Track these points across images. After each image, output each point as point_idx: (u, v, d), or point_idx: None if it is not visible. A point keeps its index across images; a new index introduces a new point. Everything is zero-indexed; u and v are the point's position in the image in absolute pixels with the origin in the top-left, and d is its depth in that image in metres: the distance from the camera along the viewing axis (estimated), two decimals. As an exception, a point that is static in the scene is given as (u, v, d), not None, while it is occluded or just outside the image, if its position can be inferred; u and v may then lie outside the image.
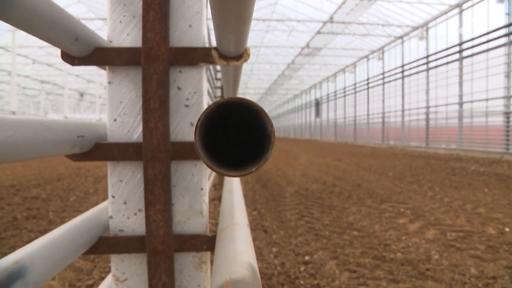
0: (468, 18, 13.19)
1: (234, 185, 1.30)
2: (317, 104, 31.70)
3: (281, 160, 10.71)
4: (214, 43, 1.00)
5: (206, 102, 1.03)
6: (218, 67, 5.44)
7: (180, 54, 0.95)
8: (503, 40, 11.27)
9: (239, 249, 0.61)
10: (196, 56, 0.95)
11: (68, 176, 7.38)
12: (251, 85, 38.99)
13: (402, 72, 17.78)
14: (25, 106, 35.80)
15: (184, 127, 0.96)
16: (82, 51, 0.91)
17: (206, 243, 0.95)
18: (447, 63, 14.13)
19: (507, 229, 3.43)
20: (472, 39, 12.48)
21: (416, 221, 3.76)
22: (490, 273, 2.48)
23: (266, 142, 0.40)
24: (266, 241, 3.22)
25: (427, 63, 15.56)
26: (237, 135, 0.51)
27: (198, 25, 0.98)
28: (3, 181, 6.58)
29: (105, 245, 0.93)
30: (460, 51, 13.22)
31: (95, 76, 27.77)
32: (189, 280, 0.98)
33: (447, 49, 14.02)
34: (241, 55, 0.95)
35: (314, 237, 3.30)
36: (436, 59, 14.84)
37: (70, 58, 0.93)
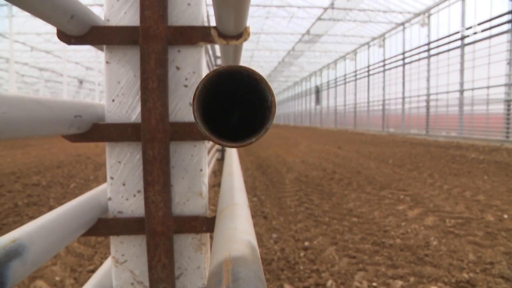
0: (471, 4, 13.02)
1: (234, 168, 1.30)
2: (317, 91, 31.59)
3: (281, 147, 10.71)
4: (213, 24, 0.98)
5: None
6: (218, 53, 5.39)
7: (179, 33, 0.93)
8: (506, 27, 11.16)
9: (239, 228, 0.60)
10: (195, 35, 0.93)
11: (68, 163, 7.39)
12: (251, 73, 38.72)
13: (403, 59, 17.66)
14: (24, 93, 35.58)
15: (183, 107, 0.95)
16: (79, 29, 0.89)
17: (205, 224, 0.94)
18: (448, 50, 14.01)
19: (505, 216, 3.44)
20: (474, 25, 12.35)
21: (416, 208, 3.77)
22: (488, 259, 2.49)
23: (266, 112, 0.39)
24: (266, 227, 3.23)
25: (428, 50, 15.44)
26: (237, 105, 0.50)
27: (197, 3, 0.95)
28: (4, 168, 6.59)
29: (104, 226, 0.93)
30: (462, 38, 13.10)
31: (94, 63, 27.54)
32: (188, 262, 0.98)
33: (448, 36, 13.90)
34: (240, 34, 0.93)
35: (313, 223, 3.31)
36: (438, 46, 14.72)
37: (66, 37, 0.91)
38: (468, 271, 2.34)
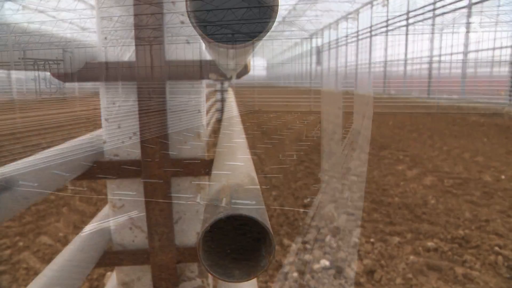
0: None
1: (233, 114, 1.26)
2: (318, 52, 30.98)
3: (281, 108, 10.62)
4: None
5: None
6: None
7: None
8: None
9: (238, 163, 0.58)
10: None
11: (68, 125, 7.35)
12: (251, 34, 37.81)
13: (407, 19, 17.15)
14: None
15: (178, 46, 0.90)
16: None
17: (204, 167, 0.92)
18: (455, 9, 13.57)
19: (503, 177, 3.46)
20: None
21: (415, 168, 3.79)
22: (483, 217, 2.52)
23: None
24: (266, 184, 3.25)
25: (434, 10, 14.95)
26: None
27: None
28: (2, 130, 6.56)
29: (100, 170, 0.90)
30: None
31: (89, 23, 26.81)
32: (187, 205, 0.96)
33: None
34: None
35: (313, 182, 3.33)
36: (444, 6, 14.24)
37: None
38: (464, 228, 2.37)
